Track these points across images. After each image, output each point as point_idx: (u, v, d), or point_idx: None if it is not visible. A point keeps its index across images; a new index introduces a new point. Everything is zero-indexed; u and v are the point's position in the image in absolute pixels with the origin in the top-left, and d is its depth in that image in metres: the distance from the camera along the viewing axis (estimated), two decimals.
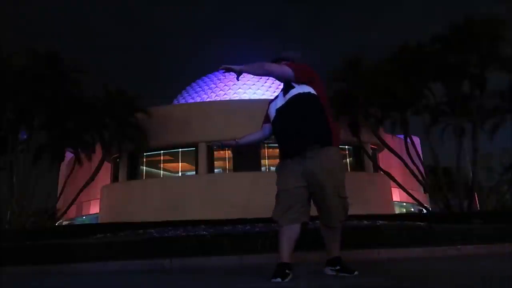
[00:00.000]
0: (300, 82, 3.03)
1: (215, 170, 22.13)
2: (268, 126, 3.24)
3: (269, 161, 21.68)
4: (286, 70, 3.02)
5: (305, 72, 3.05)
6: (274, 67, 3.05)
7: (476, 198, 19.51)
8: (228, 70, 2.87)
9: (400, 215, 20.65)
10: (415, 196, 21.09)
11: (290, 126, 2.98)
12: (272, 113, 3.15)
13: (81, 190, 20.51)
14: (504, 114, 19.01)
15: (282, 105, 3.07)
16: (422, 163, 21.04)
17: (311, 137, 2.93)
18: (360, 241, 5.61)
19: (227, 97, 27.82)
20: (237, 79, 3.02)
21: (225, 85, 28.59)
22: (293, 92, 3.02)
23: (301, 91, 3.00)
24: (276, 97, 3.21)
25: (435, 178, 19.49)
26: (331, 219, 2.98)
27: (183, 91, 32.41)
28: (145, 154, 22.79)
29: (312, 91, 3.00)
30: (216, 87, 29.41)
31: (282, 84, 3.17)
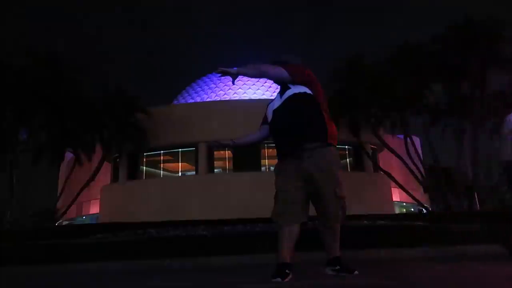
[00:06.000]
0: (296, 82, 3.05)
1: (215, 170, 22.12)
2: (266, 128, 3.26)
3: (269, 161, 21.67)
4: (281, 71, 3.04)
5: (300, 73, 3.07)
6: (269, 68, 3.06)
7: (476, 198, 19.48)
8: (225, 74, 2.87)
9: (400, 215, 20.66)
10: (415, 196, 21.08)
11: (286, 124, 3.00)
12: (270, 114, 3.17)
13: (81, 190, 20.52)
14: (504, 114, 19.00)
15: (279, 105, 3.09)
16: (422, 163, 21.03)
17: (306, 135, 2.94)
18: (360, 241, 5.61)
19: (227, 97, 27.81)
20: (233, 83, 3.03)
21: (225, 85, 28.57)
22: (289, 92, 3.05)
23: (297, 91, 3.03)
24: (274, 99, 3.23)
25: (435, 178, 19.49)
26: (329, 219, 2.98)
27: (183, 91, 32.42)
28: (145, 154, 22.77)
29: (308, 91, 3.02)
30: (216, 87, 29.40)
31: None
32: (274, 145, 3.16)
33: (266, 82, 28.16)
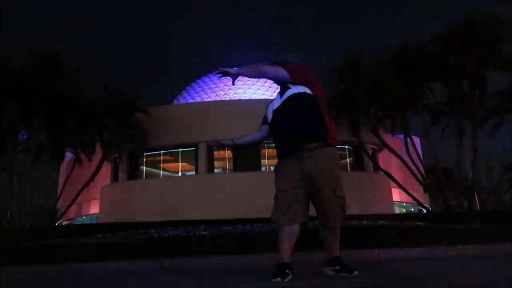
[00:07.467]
0: (296, 82, 3.06)
1: (215, 170, 22.12)
2: (265, 128, 3.27)
3: (269, 161, 21.66)
4: (281, 71, 3.04)
5: (300, 73, 3.08)
6: (269, 68, 3.07)
7: (476, 198, 19.48)
8: (224, 74, 2.87)
9: (400, 215, 20.65)
10: (415, 196, 21.08)
11: (286, 124, 3.00)
12: (270, 114, 3.18)
13: (81, 190, 20.51)
14: (504, 114, 19.01)
15: (279, 105, 3.10)
16: (422, 163, 21.02)
17: (306, 135, 2.95)
18: (360, 241, 5.61)
19: (227, 97, 27.82)
20: (233, 83, 3.04)
21: (225, 85, 28.58)
22: (289, 92, 3.06)
23: (297, 91, 3.04)
24: (274, 99, 3.24)
25: (435, 178, 19.47)
26: (329, 219, 2.99)
27: (183, 91, 32.44)
28: (145, 154, 22.79)
29: (308, 91, 3.04)
30: (216, 87, 29.41)
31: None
32: (274, 145, 3.17)
33: (266, 82, 28.17)
